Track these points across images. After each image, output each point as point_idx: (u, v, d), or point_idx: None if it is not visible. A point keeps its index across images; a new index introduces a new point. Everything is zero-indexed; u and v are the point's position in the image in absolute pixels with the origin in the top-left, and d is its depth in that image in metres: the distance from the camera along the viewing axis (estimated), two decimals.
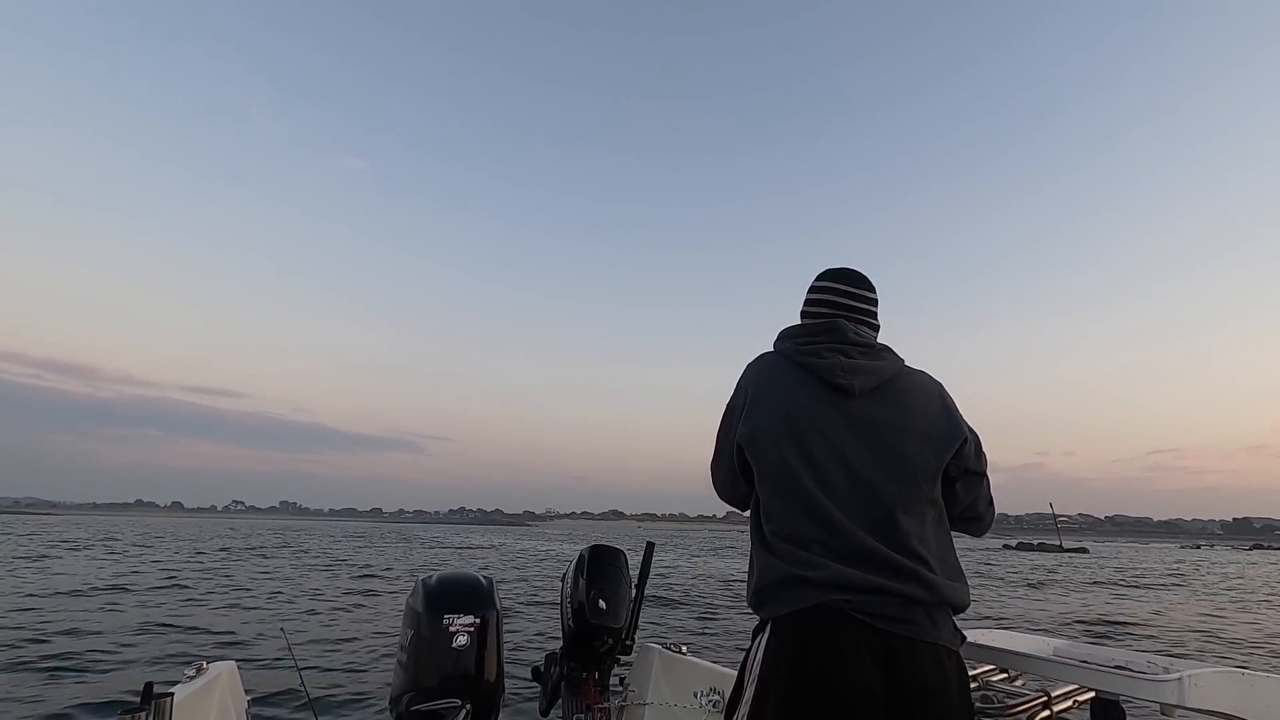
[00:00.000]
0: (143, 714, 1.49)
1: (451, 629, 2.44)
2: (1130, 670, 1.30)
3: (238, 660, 2.55)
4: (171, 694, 1.66)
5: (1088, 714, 1.50)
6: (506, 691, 2.64)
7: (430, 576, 2.68)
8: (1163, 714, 1.46)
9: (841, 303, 1.53)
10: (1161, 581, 22.73)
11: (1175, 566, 33.87)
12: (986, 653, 1.62)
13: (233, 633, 7.81)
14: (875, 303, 1.57)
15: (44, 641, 6.83)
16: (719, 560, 27.55)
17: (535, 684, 2.82)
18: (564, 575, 2.85)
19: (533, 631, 8.04)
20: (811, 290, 1.59)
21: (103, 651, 6.65)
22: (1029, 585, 19.82)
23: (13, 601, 9.71)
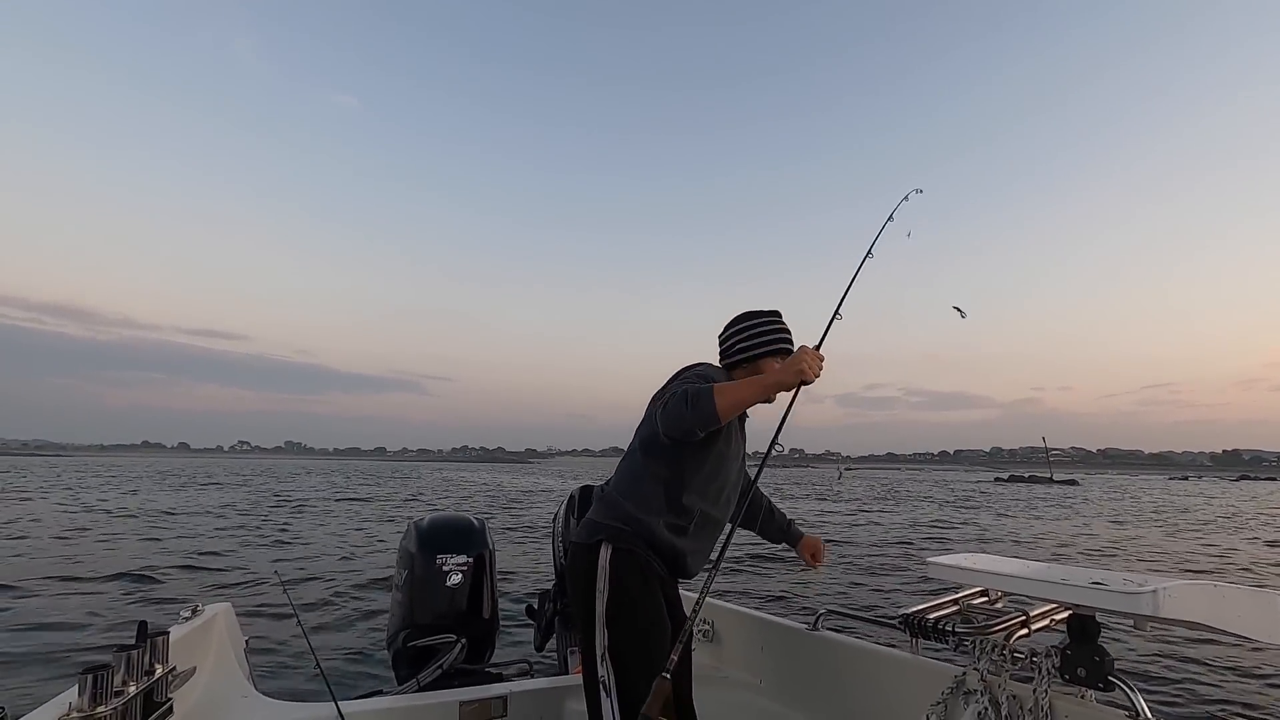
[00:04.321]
0: (137, 652, 1.50)
1: (445, 568, 2.48)
2: (1106, 586, 1.33)
3: (234, 601, 2.58)
4: (167, 633, 1.67)
5: (1065, 630, 1.55)
6: (501, 628, 2.70)
7: (423, 518, 2.71)
8: (1136, 627, 1.50)
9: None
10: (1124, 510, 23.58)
11: (1137, 497, 35.01)
12: (966, 574, 1.66)
13: (228, 573, 7.94)
14: (721, 340, 2.01)
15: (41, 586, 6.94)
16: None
17: (530, 621, 2.90)
18: (555, 514, 2.90)
19: (528, 569, 8.23)
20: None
21: (92, 593, 6.75)
22: (1012, 515, 20.46)
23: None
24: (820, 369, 1.69)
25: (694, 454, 1.75)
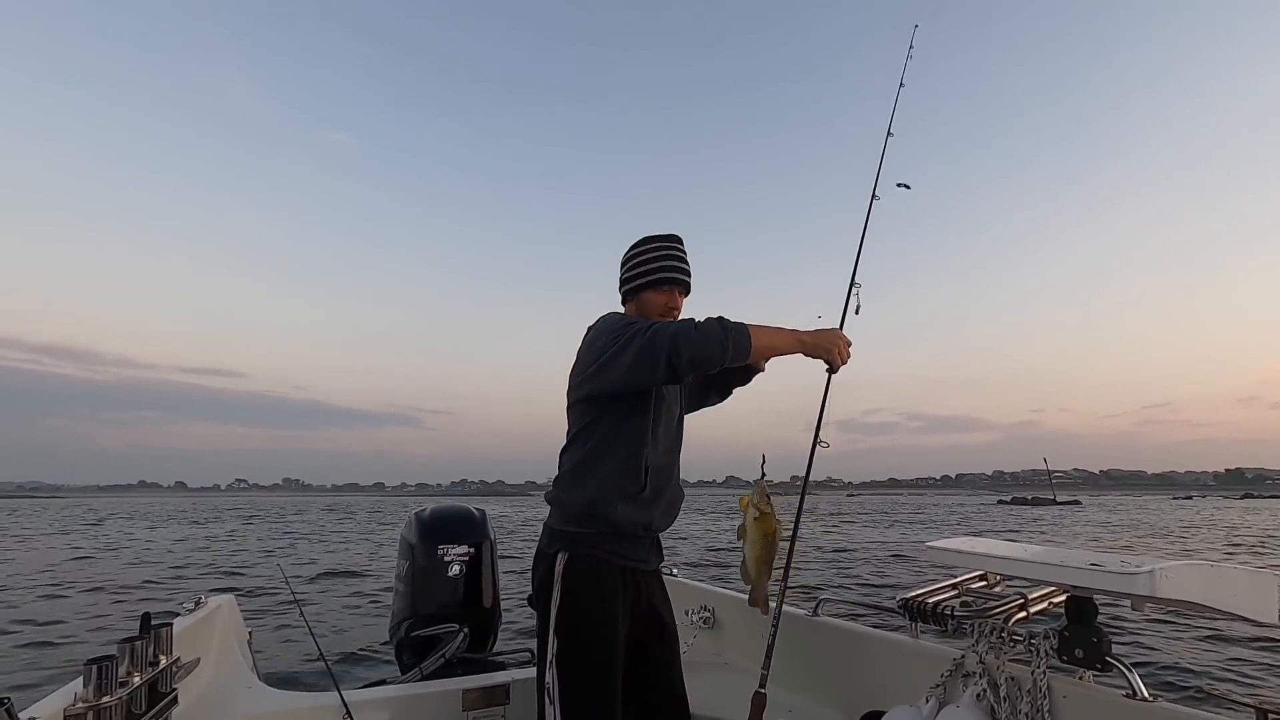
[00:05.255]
0: (141, 643, 1.51)
1: (446, 558, 2.49)
2: (1103, 567, 1.34)
3: (237, 594, 2.59)
4: (170, 624, 1.68)
5: (1063, 613, 1.56)
6: (503, 618, 2.71)
7: (423, 510, 2.72)
8: (1133, 608, 1.52)
9: None
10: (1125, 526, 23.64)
11: (1147, 515, 35.22)
12: (965, 558, 1.67)
13: (231, 569, 7.97)
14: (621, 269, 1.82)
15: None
16: (705, 519, 28.27)
17: (532, 610, 2.91)
18: None
19: (530, 560, 8.25)
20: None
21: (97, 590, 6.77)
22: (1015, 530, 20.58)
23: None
24: (848, 356, 1.65)
25: (633, 409, 1.64)
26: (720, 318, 1.55)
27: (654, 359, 1.52)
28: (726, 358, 1.51)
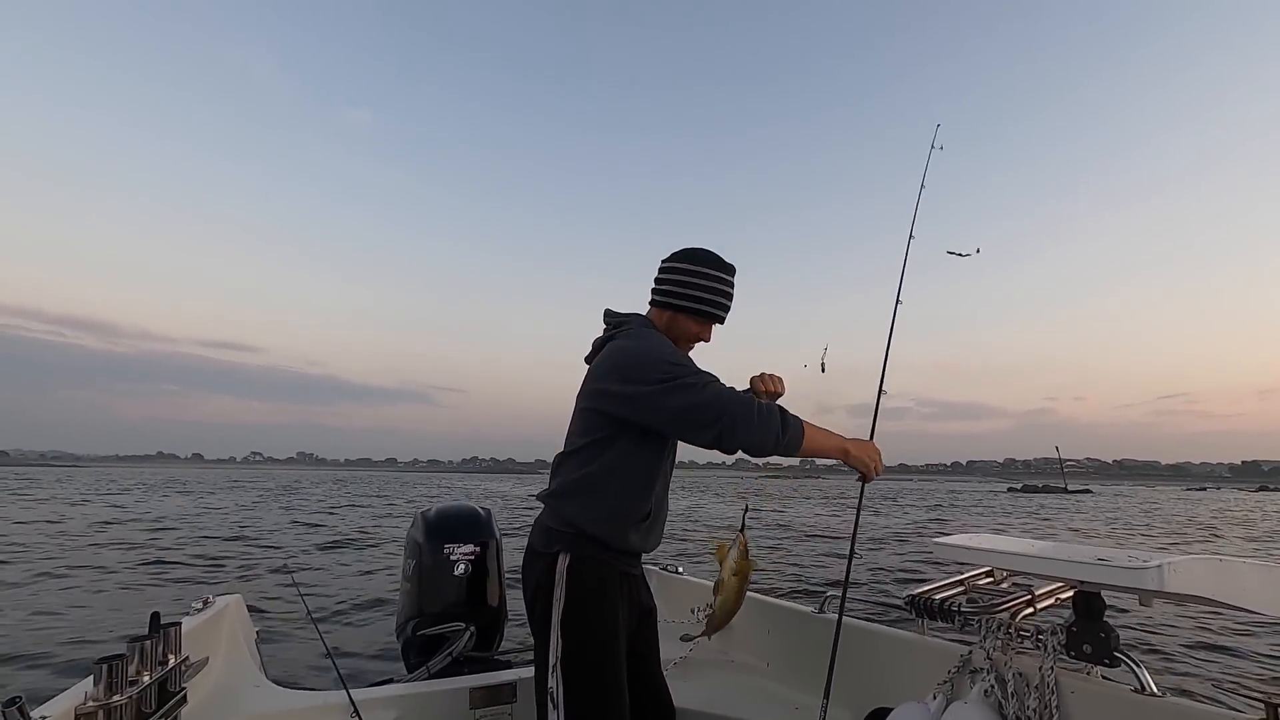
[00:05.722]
0: (150, 642, 1.52)
1: (452, 557, 2.49)
2: (1110, 562, 1.33)
3: (244, 593, 2.60)
4: (179, 624, 1.69)
5: (1070, 608, 1.55)
6: (510, 616, 2.72)
7: (429, 509, 2.72)
8: (1141, 603, 1.51)
9: None
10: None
11: (1158, 505, 35.13)
12: (972, 554, 1.67)
13: (238, 567, 8.00)
14: (662, 269, 1.76)
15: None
16: (715, 500, 28.30)
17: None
18: None
19: None
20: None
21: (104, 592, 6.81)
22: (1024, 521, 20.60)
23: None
24: (882, 469, 1.68)
25: (648, 440, 1.63)
26: (782, 410, 1.52)
27: (704, 423, 1.47)
28: (776, 451, 1.50)
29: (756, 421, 1.46)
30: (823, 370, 1.87)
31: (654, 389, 1.51)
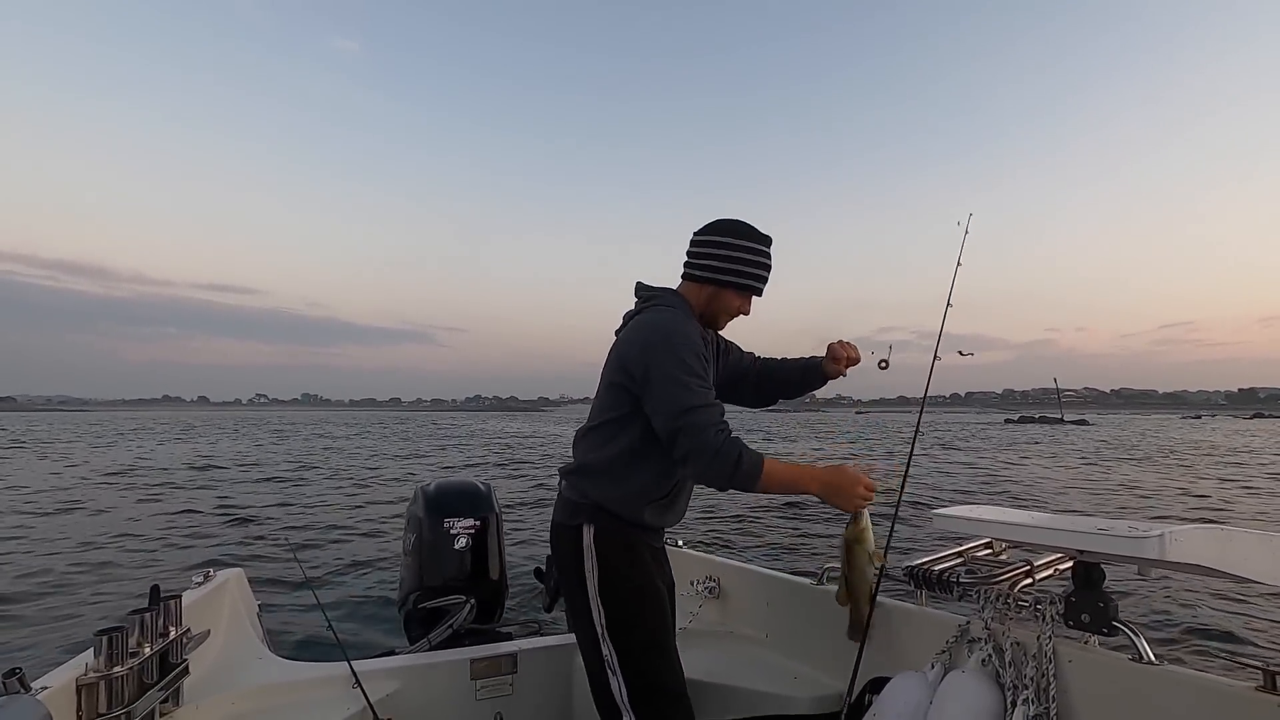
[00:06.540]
0: (150, 614, 1.52)
1: (453, 532, 2.50)
2: (1110, 532, 1.32)
3: (245, 567, 2.62)
4: (179, 596, 1.69)
5: (1069, 579, 1.55)
6: (510, 590, 2.74)
7: (429, 484, 2.73)
8: (1140, 573, 1.50)
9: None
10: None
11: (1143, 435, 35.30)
12: (972, 525, 1.66)
13: (240, 540, 8.08)
14: (694, 243, 1.76)
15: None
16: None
17: (539, 584, 2.93)
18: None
19: (540, 530, 8.33)
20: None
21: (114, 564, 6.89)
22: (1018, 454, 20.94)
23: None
24: (870, 496, 1.65)
25: None
26: (741, 450, 1.50)
27: (672, 437, 1.53)
28: (733, 487, 1.52)
29: (711, 460, 1.50)
30: (884, 367, 1.90)
31: (658, 375, 1.55)
